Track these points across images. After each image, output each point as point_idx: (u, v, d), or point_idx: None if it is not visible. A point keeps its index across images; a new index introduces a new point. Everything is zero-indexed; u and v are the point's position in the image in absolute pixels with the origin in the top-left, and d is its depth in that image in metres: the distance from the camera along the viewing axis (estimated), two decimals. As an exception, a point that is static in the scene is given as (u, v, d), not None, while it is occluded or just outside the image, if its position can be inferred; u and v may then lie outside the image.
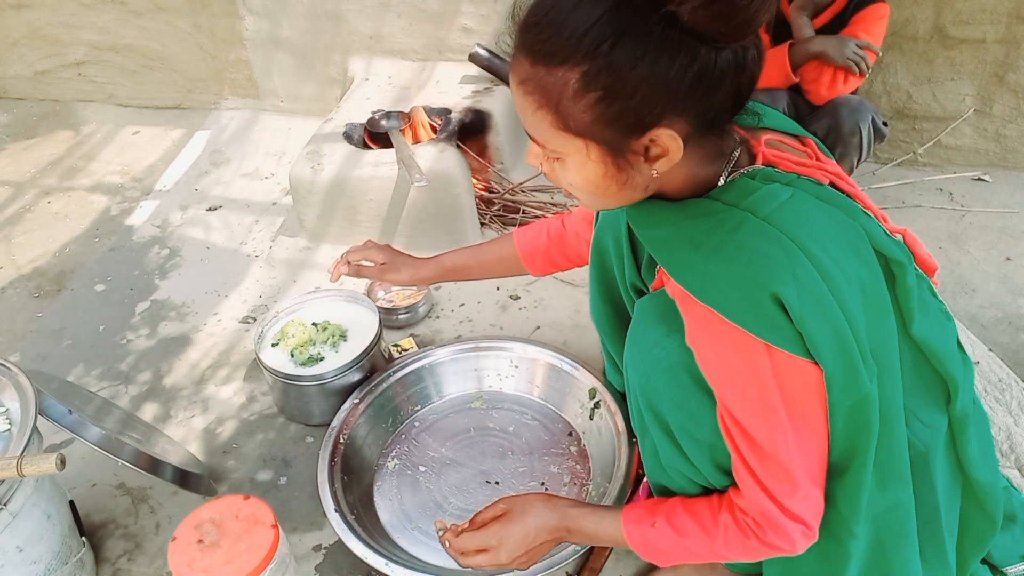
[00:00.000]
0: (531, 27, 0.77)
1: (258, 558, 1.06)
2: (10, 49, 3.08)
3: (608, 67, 0.73)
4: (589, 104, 0.76)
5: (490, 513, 1.09)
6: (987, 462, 0.98)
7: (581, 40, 0.73)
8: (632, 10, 0.72)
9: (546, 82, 0.77)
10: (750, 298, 0.77)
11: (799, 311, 0.76)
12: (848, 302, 0.78)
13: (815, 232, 0.79)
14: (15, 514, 1.12)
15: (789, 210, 0.80)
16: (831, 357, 0.78)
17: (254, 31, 2.80)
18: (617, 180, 0.83)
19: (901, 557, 0.94)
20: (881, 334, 0.83)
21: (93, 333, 1.98)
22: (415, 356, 1.69)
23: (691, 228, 0.84)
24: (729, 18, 0.70)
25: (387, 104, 2.37)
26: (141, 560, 1.40)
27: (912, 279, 0.85)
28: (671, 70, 0.72)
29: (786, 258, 0.76)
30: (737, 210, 0.81)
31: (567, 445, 1.56)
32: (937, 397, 0.92)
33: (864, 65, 2.00)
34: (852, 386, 0.80)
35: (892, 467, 0.89)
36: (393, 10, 2.59)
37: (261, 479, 1.55)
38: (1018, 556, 1.09)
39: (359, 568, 1.35)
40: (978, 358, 1.70)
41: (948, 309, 0.94)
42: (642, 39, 0.72)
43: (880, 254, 0.84)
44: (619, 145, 0.79)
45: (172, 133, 2.94)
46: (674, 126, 0.77)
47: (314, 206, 2.13)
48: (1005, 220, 2.26)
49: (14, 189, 2.66)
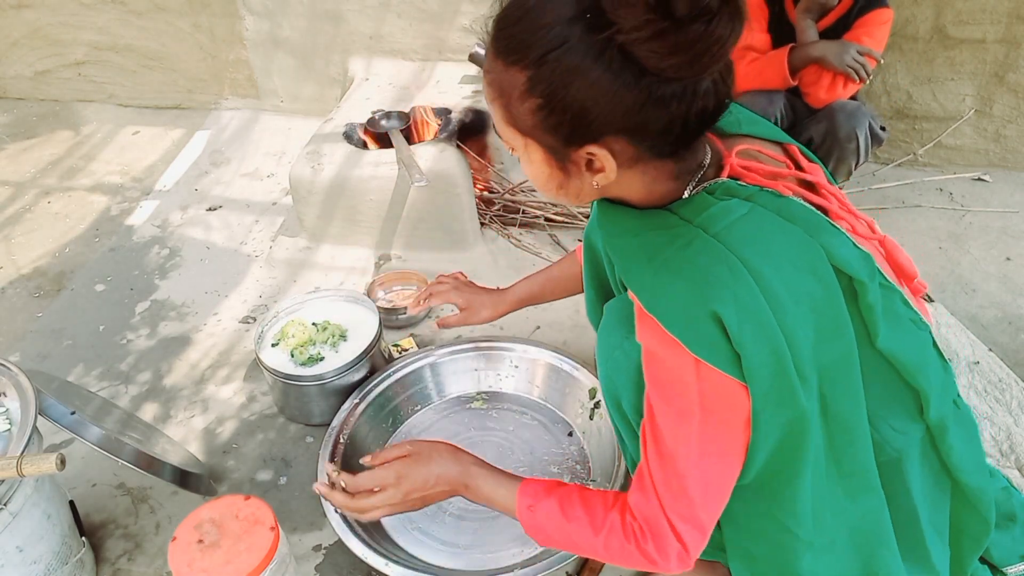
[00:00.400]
0: (500, 21, 0.79)
1: (258, 558, 1.06)
2: (10, 49, 3.08)
3: (548, 77, 0.75)
4: (531, 108, 0.78)
5: (393, 452, 1.09)
6: (975, 466, 0.98)
7: (533, 45, 0.75)
8: (584, 27, 0.72)
9: (502, 77, 0.79)
10: (690, 314, 0.78)
11: (737, 330, 0.76)
12: (791, 322, 0.78)
13: (765, 250, 0.80)
14: (15, 514, 1.12)
15: (741, 228, 0.81)
16: (765, 375, 0.78)
17: (254, 31, 2.80)
18: (562, 183, 0.86)
19: (883, 561, 0.95)
20: (834, 352, 0.83)
21: (93, 333, 1.98)
22: (415, 356, 1.69)
23: (648, 240, 0.85)
24: (671, 55, 0.70)
25: (387, 104, 2.37)
26: (141, 560, 1.40)
27: (874, 295, 0.84)
28: (607, 93, 0.73)
29: (730, 277, 0.77)
30: (691, 226, 0.82)
31: (567, 445, 1.56)
32: (909, 406, 0.92)
33: (864, 72, 2.00)
34: (787, 403, 0.80)
35: (859, 478, 0.90)
36: (393, 10, 2.59)
37: (261, 479, 1.55)
38: (1018, 556, 1.09)
39: (359, 568, 1.35)
40: (978, 358, 1.70)
41: (923, 319, 0.93)
42: (584, 56, 0.73)
43: (840, 271, 0.83)
44: (560, 152, 0.81)
45: (172, 133, 2.94)
46: (613, 145, 0.79)
47: (314, 206, 2.13)
48: (1005, 220, 2.26)
49: (14, 189, 2.66)
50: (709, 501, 0.88)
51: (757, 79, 2.14)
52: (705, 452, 0.84)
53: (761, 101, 2.11)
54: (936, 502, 1.00)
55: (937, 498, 1.00)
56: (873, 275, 0.85)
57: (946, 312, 1.86)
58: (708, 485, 0.87)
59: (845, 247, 0.84)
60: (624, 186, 0.85)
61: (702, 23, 0.69)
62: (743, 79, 2.17)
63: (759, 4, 2.17)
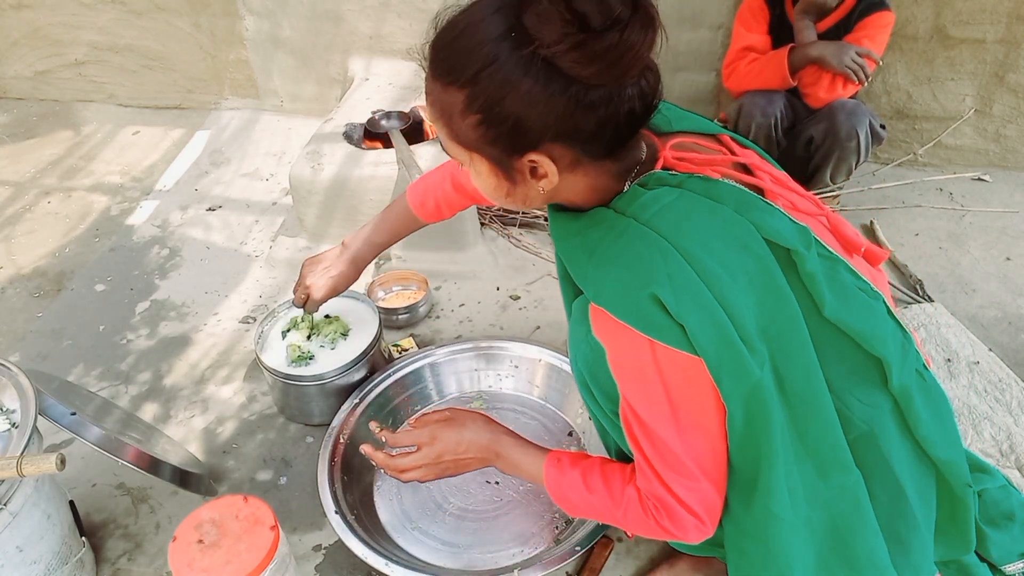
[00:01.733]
0: (435, 44, 0.84)
1: (258, 558, 1.06)
2: (10, 49, 3.08)
3: (484, 92, 0.80)
4: (472, 124, 0.83)
5: (433, 416, 1.19)
6: (944, 438, 0.97)
7: (467, 65, 0.80)
8: (510, 45, 0.77)
9: (441, 98, 0.84)
10: (632, 299, 0.83)
11: (676, 308, 0.81)
12: (728, 295, 0.82)
13: (694, 231, 0.84)
14: (15, 514, 1.12)
15: (670, 212, 0.86)
16: (713, 349, 0.82)
17: (254, 31, 2.80)
18: (509, 191, 0.90)
19: (862, 540, 0.94)
20: (779, 321, 0.86)
21: (93, 333, 1.98)
22: (415, 356, 1.69)
23: (587, 237, 0.90)
24: (590, 63, 0.76)
25: (387, 104, 2.37)
26: (141, 560, 1.40)
27: (812, 264, 0.87)
28: (539, 103, 0.78)
29: (662, 260, 0.82)
30: (624, 217, 0.87)
31: (567, 445, 1.56)
32: (873, 376, 0.92)
33: (863, 74, 2.00)
34: (740, 375, 0.83)
35: (827, 454, 0.91)
36: (393, 10, 2.59)
37: (261, 479, 1.55)
38: (1017, 554, 1.09)
39: (359, 568, 1.36)
40: (978, 358, 1.70)
41: (873, 287, 0.94)
42: (514, 71, 0.78)
43: (775, 245, 0.86)
44: (504, 162, 0.86)
45: (172, 133, 2.94)
46: (552, 152, 0.84)
47: (314, 206, 2.13)
48: (1005, 220, 2.26)
49: (14, 189, 2.66)
50: (708, 471, 0.91)
51: (757, 79, 2.14)
52: (683, 427, 0.88)
53: (761, 101, 2.11)
54: (923, 478, 0.98)
55: (923, 474, 0.98)
56: (809, 245, 0.88)
57: (946, 312, 1.86)
58: (700, 456, 0.90)
59: (779, 221, 0.88)
60: (568, 189, 0.91)
61: (616, 32, 0.74)
62: (743, 80, 2.18)
63: (760, 6, 2.18)
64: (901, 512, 0.96)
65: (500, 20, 0.78)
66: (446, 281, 2.08)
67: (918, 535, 0.98)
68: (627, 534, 1.35)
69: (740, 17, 2.22)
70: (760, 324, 0.84)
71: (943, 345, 1.74)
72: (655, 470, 0.91)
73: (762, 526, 0.93)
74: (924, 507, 0.99)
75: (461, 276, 2.10)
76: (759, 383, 0.84)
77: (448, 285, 2.07)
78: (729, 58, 2.23)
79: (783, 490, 0.90)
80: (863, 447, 0.93)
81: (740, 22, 2.22)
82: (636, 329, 0.83)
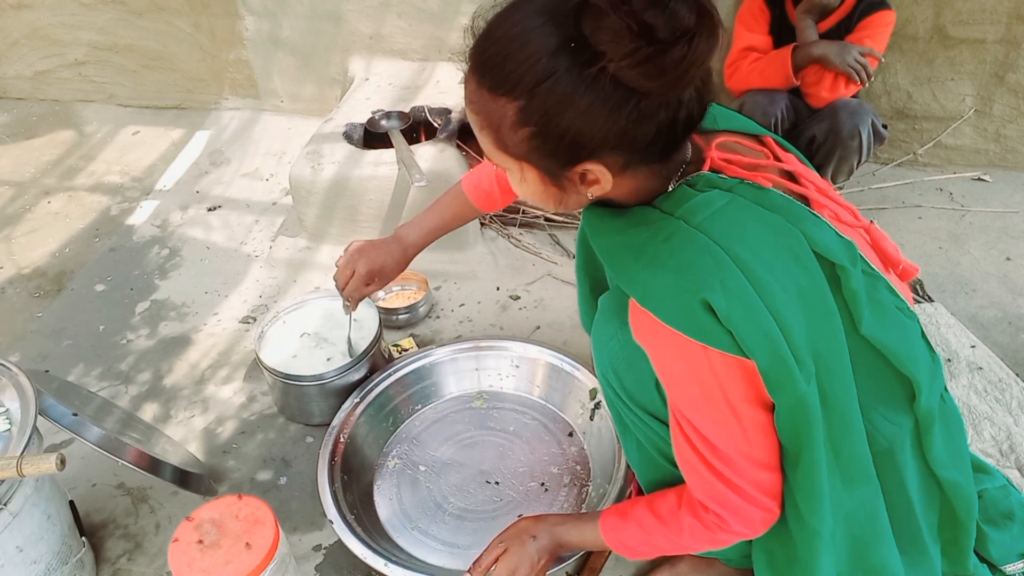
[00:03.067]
0: (481, 53, 0.81)
1: (258, 558, 1.06)
2: (10, 49, 3.08)
3: (541, 107, 0.77)
4: (525, 136, 0.80)
5: (492, 555, 1.16)
6: (954, 461, 0.98)
7: (521, 77, 0.77)
8: (569, 56, 0.74)
9: (489, 107, 0.82)
10: (683, 304, 0.80)
11: (728, 317, 0.79)
12: (781, 307, 0.80)
13: (747, 239, 0.82)
14: (15, 514, 1.12)
15: (722, 218, 0.83)
16: (762, 359, 0.80)
17: (254, 31, 2.80)
18: (555, 197, 0.89)
19: (879, 552, 0.95)
20: (825, 336, 0.84)
21: (93, 333, 1.98)
22: (415, 356, 1.69)
23: (632, 237, 0.88)
24: (659, 76, 0.73)
25: (387, 104, 2.37)
26: (141, 560, 1.40)
27: (857, 281, 0.86)
28: (600, 117, 0.76)
29: (715, 266, 0.80)
30: (672, 219, 0.85)
31: (567, 445, 1.56)
32: (899, 395, 0.93)
33: (865, 73, 2.00)
34: (787, 387, 0.82)
35: (854, 467, 0.91)
36: (393, 10, 2.59)
37: (261, 479, 1.55)
38: (1017, 554, 1.09)
39: (359, 568, 1.35)
40: (978, 358, 1.70)
41: (910, 307, 0.94)
42: (575, 85, 0.75)
43: (822, 258, 0.85)
44: (554, 172, 0.84)
45: (172, 133, 2.94)
46: (606, 161, 0.81)
47: (314, 206, 2.13)
48: (1005, 220, 2.26)
49: (14, 189, 2.66)
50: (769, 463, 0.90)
51: (759, 79, 2.14)
52: (745, 427, 0.86)
53: (762, 101, 2.11)
54: (930, 497, 0.99)
55: (930, 493, 0.99)
56: (855, 261, 0.87)
57: (946, 312, 1.86)
58: (763, 451, 0.89)
59: (826, 234, 0.86)
60: (614, 191, 0.88)
61: (684, 44, 0.72)
62: (745, 79, 2.18)
63: (760, 6, 2.18)
64: (910, 528, 0.98)
65: (555, 30, 0.75)
66: (446, 281, 2.08)
67: (924, 551, 0.99)
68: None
69: (741, 18, 2.22)
70: (809, 338, 0.83)
71: (943, 345, 1.74)
72: (717, 472, 0.90)
73: (798, 537, 0.93)
74: (928, 526, 1.00)
75: (461, 276, 2.10)
76: (804, 397, 0.83)
77: (448, 285, 2.07)
78: (730, 59, 2.23)
79: (822, 505, 0.89)
80: (882, 463, 0.93)
81: (741, 23, 2.22)
82: (687, 335, 0.81)
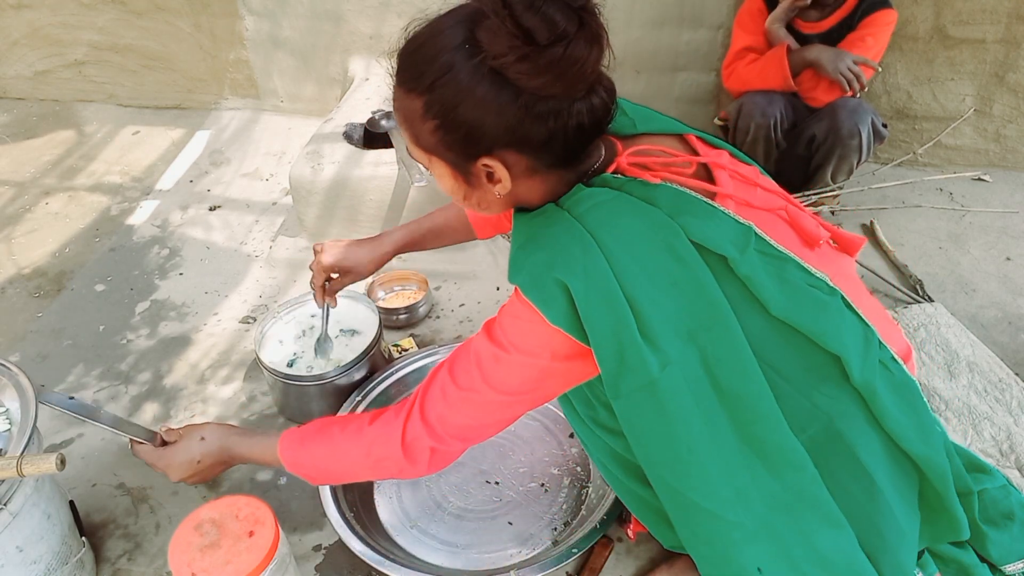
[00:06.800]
0: (400, 54, 0.90)
1: (258, 558, 1.06)
2: (10, 49, 3.08)
3: (441, 100, 0.86)
4: (430, 129, 0.89)
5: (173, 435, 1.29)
6: (917, 431, 0.96)
7: (424, 74, 0.86)
8: (465, 54, 0.83)
9: (404, 104, 0.90)
10: (542, 280, 0.87)
11: (583, 300, 0.85)
12: (641, 295, 0.85)
13: (620, 230, 0.88)
14: (15, 514, 1.12)
15: (601, 210, 0.89)
16: (610, 343, 0.86)
17: (254, 31, 2.80)
18: (467, 194, 0.96)
19: (828, 540, 0.93)
20: (708, 324, 0.87)
21: (93, 333, 1.98)
22: (415, 356, 1.69)
23: (529, 227, 0.94)
24: (538, 74, 0.81)
25: (387, 104, 2.37)
26: (141, 560, 1.40)
27: (747, 266, 0.89)
28: (491, 111, 0.84)
29: (582, 253, 0.86)
30: (560, 210, 0.92)
31: (567, 446, 1.56)
32: (832, 371, 0.93)
33: (857, 83, 1.99)
34: (636, 371, 0.86)
35: (777, 455, 0.91)
36: (393, 10, 2.59)
37: (261, 479, 1.55)
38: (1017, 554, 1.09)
39: (359, 568, 1.36)
40: (978, 358, 1.70)
41: (828, 283, 0.94)
42: (469, 80, 0.83)
43: (704, 248, 0.89)
44: (461, 166, 0.92)
45: (172, 133, 2.94)
46: (506, 158, 0.89)
47: (314, 206, 2.13)
48: (1005, 220, 2.26)
49: (14, 189, 2.66)
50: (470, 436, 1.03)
51: (758, 79, 2.14)
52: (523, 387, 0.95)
53: (761, 101, 2.11)
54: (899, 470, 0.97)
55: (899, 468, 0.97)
56: (745, 247, 0.90)
57: (946, 312, 1.86)
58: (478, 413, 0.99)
59: (712, 225, 0.90)
60: (525, 194, 0.95)
61: (560, 47, 0.79)
62: (743, 80, 2.18)
63: (759, 8, 2.18)
64: (876, 506, 0.95)
65: (458, 32, 0.84)
66: (446, 281, 2.08)
67: (896, 526, 0.96)
68: (628, 535, 1.35)
69: (739, 19, 2.23)
70: (684, 325, 0.86)
71: (943, 345, 1.74)
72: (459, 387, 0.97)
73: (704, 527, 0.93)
74: (902, 501, 0.97)
75: (461, 276, 2.10)
76: (656, 382, 0.86)
77: (448, 285, 2.07)
78: (728, 59, 2.23)
79: (724, 490, 0.90)
80: (827, 441, 0.93)
81: (738, 24, 2.22)
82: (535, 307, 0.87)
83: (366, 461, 1.07)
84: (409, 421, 1.02)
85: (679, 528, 0.97)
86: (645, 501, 1.09)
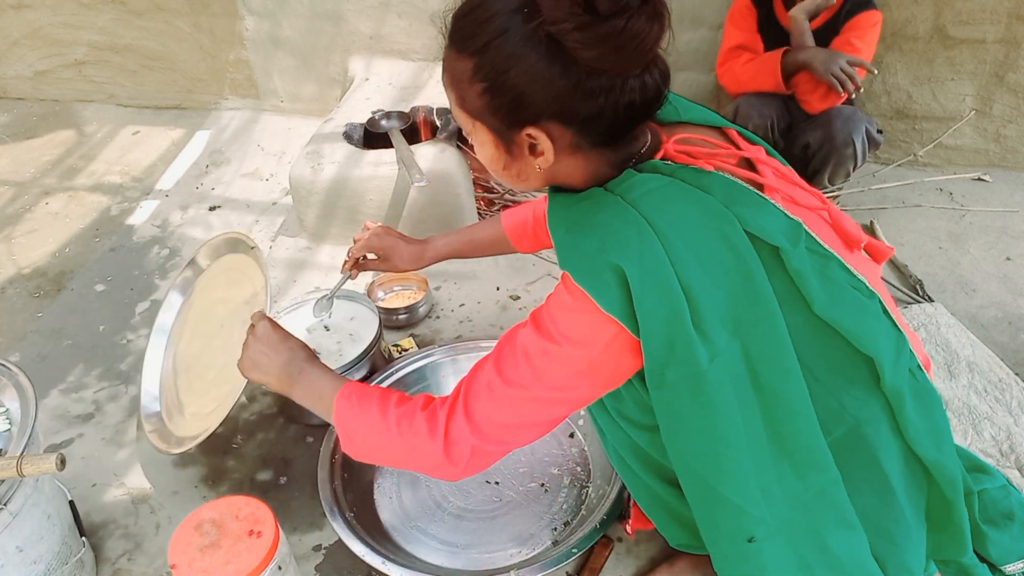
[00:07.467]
0: (455, 14, 0.88)
1: (258, 558, 1.06)
2: (10, 49, 3.08)
3: (492, 63, 0.83)
4: (478, 92, 0.86)
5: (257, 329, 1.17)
6: (934, 440, 0.97)
7: (477, 35, 0.83)
8: (522, 19, 0.80)
9: (453, 65, 0.88)
10: (596, 266, 0.84)
11: (638, 286, 0.82)
12: (695, 283, 0.83)
13: (675, 217, 0.85)
14: (15, 514, 1.12)
15: (655, 196, 0.87)
16: (662, 331, 0.83)
17: (254, 31, 2.80)
18: (507, 164, 0.93)
19: (842, 543, 0.93)
20: (754, 317, 0.86)
21: (93, 333, 1.98)
22: (415, 356, 1.69)
23: (574, 211, 0.92)
24: (595, 45, 0.78)
25: (387, 104, 2.37)
26: (141, 560, 1.40)
27: (799, 261, 0.87)
28: (541, 79, 0.81)
29: (637, 238, 0.83)
30: (611, 195, 0.89)
31: (567, 446, 1.56)
32: (863, 374, 0.92)
33: (850, 85, 1.93)
34: (685, 362, 0.84)
35: (804, 455, 0.91)
36: (393, 10, 2.59)
37: (261, 479, 1.55)
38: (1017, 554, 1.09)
39: (359, 568, 1.36)
40: (978, 358, 1.70)
41: (868, 286, 0.94)
42: (522, 45, 0.81)
43: (759, 240, 0.87)
44: (504, 134, 0.89)
45: (172, 133, 2.94)
46: (551, 130, 0.86)
47: (314, 206, 2.13)
48: (1005, 220, 2.26)
49: (14, 189, 2.66)
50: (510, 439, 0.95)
51: (752, 81, 2.14)
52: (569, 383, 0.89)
53: (758, 103, 2.11)
54: (913, 477, 0.98)
55: (913, 474, 0.98)
56: (797, 241, 0.88)
57: (946, 312, 1.86)
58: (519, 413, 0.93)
59: (766, 216, 0.88)
60: (565, 172, 0.93)
61: (621, 19, 0.76)
62: (738, 80, 2.17)
63: (748, 5, 2.17)
64: (890, 509, 0.96)
65: None
66: (446, 281, 2.08)
67: (908, 533, 0.97)
68: (628, 533, 1.35)
69: (731, 16, 2.22)
70: (731, 316, 0.85)
71: (943, 345, 1.74)
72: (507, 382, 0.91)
73: (730, 522, 0.92)
74: (913, 507, 0.98)
75: (461, 276, 2.10)
76: (702, 373, 0.84)
77: (448, 285, 2.07)
78: (721, 57, 2.23)
79: (753, 486, 0.89)
80: (850, 443, 0.93)
81: (730, 21, 2.22)
82: (591, 295, 0.84)
83: (403, 451, 1.01)
84: (453, 418, 0.96)
85: (702, 524, 0.96)
86: (658, 497, 1.08)
